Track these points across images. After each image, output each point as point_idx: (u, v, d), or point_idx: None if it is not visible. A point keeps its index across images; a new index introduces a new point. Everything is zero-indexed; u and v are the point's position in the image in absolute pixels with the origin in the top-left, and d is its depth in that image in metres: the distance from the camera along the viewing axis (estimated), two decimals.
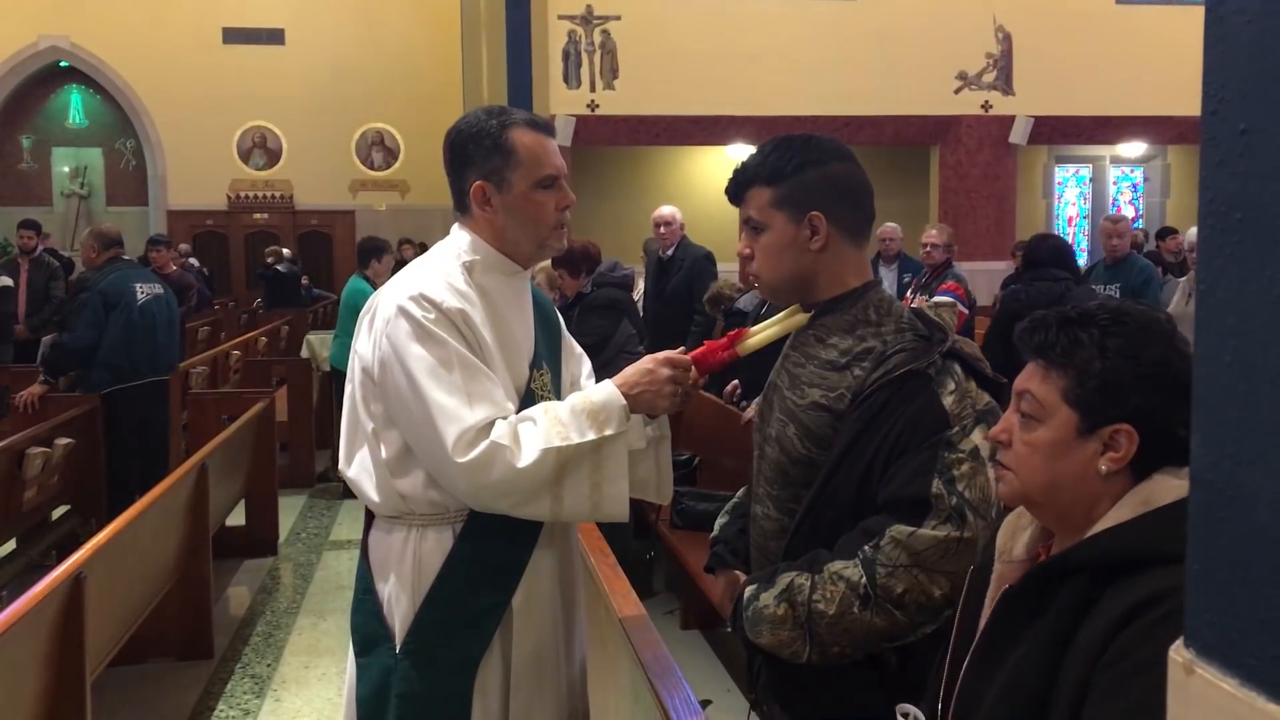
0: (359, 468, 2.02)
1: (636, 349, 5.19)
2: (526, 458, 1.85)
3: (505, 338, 2.03)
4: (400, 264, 7.16)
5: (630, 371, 2.00)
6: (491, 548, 2.00)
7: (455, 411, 1.86)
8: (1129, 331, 1.25)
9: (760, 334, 1.97)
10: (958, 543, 1.62)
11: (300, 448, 8.01)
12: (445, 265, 2.03)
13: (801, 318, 1.89)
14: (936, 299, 6.33)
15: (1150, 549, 1.14)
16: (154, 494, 4.17)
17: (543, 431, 1.88)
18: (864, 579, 1.65)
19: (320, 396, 8.65)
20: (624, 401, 1.94)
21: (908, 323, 1.83)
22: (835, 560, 1.69)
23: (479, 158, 2.02)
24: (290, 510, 7.08)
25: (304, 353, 9.20)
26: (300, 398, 8.17)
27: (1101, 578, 1.18)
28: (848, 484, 1.72)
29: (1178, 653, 0.71)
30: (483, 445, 1.85)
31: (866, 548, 1.67)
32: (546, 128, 2.08)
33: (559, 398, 2.11)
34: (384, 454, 1.97)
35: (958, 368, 1.75)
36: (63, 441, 5.46)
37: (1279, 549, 0.63)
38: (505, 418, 1.90)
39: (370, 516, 2.09)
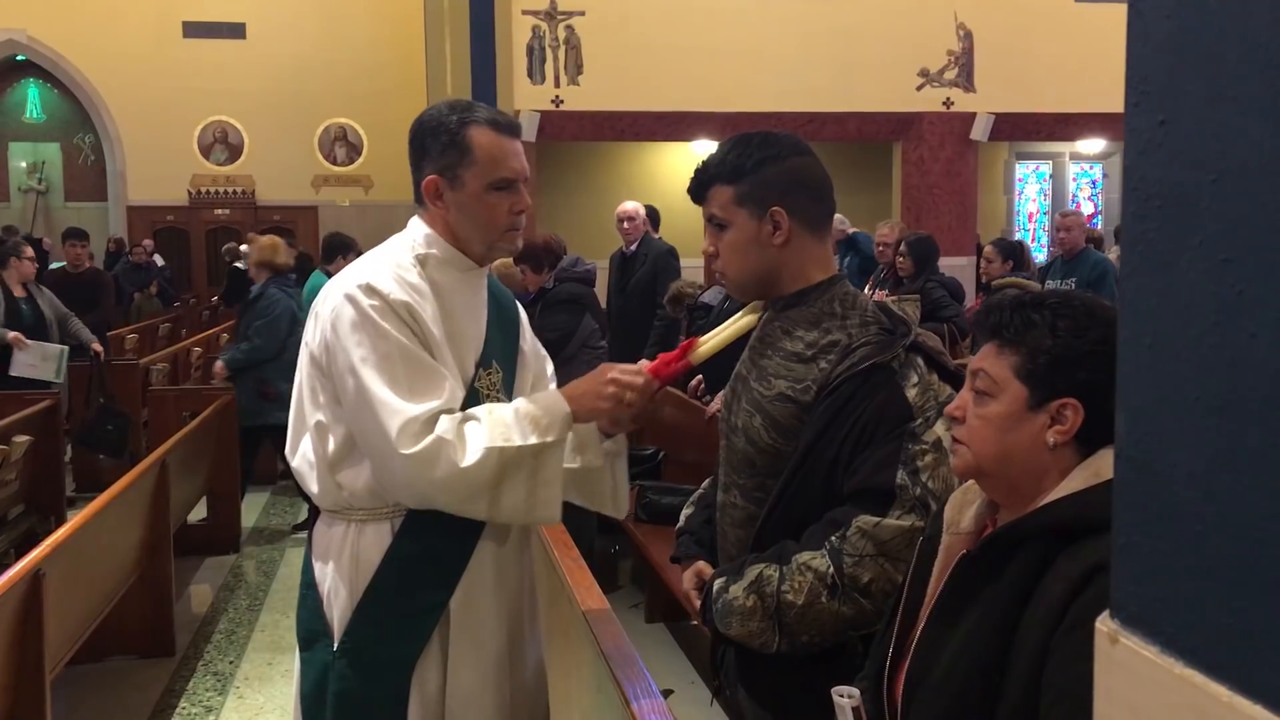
0: (302, 459, 2.01)
1: (599, 344, 5.21)
2: (470, 456, 1.84)
3: (453, 334, 2.01)
4: None
5: (579, 380, 2.01)
6: (430, 545, 1.98)
7: (397, 404, 1.85)
8: (1077, 314, 1.33)
9: (712, 340, 1.99)
10: (922, 532, 1.66)
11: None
12: (398, 257, 2.02)
13: (751, 319, 1.92)
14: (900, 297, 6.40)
15: (1103, 516, 1.19)
16: (114, 490, 4.14)
17: (486, 431, 1.87)
18: (831, 569, 1.69)
19: None
20: (568, 409, 1.94)
21: (872, 316, 1.87)
22: (803, 551, 1.73)
23: (435, 152, 1.99)
24: (253, 507, 7.05)
25: None
26: None
27: (1056, 544, 1.25)
28: (815, 476, 1.76)
29: (1103, 623, 0.74)
30: (428, 439, 1.84)
31: (833, 538, 1.71)
32: (509, 127, 2.04)
33: (509, 398, 2.10)
34: (326, 446, 1.96)
35: (920, 361, 1.80)
36: (21, 439, 5.41)
37: (1194, 523, 0.66)
38: (451, 412, 1.88)
39: (316, 509, 2.08)
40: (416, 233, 2.06)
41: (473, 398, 2.01)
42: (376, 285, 1.91)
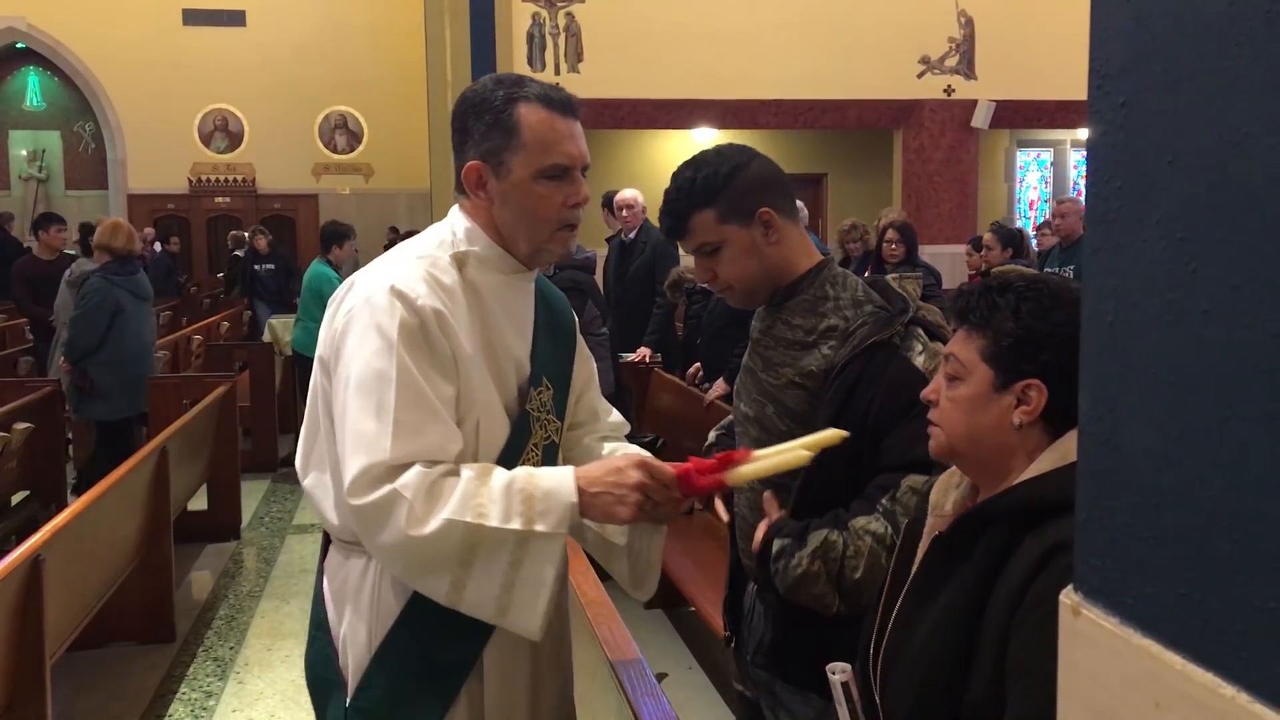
0: (316, 481, 1.75)
1: (600, 330, 5.22)
2: (428, 525, 1.54)
3: (494, 348, 1.73)
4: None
5: (597, 466, 1.68)
6: None
7: (372, 440, 1.57)
8: (1041, 298, 1.36)
9: (757, 464, 1.71)
10: None
11: (263, 432, 7.99)
12: (434, 253, 1.74)
13: (805, 455, 1.68)
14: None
15: (1066, 498, 1.23)
16: (114, 477, 4.16)
17: (459, 497, 1.56)
18: (889, 529, 1.74)
19: (283, 381, 8.63)
20: (574, 500, 1.61)
21: (863, 294, 1.92)
22: (858, 516, 1.77)
23: (478, 133, 1.72)
24: (253, 495, 7.08)
25: (266, 337, 9.19)
26: (263, 382, 8.14)
27: (1023, 524, 1.29)
28: (837, 462, 1.78)
29: (1067, 596, 0.76)
30: (382, 490, 1.55)
31: (884, 500, 1.76)
32: (565, 105, 1.74)
33: (560, 420, 1.86)
34: None
35: (921, 332, 1.85)
36: (21, 426, 5.43)
37: (1151, 496, 0.68)
38: (432, 464, 1.59)
39: (328, 537, 1.82)
40: (457, 226, 1.78)
41: (523, 422, 1.76)
42: (403, 288, 1.64)
